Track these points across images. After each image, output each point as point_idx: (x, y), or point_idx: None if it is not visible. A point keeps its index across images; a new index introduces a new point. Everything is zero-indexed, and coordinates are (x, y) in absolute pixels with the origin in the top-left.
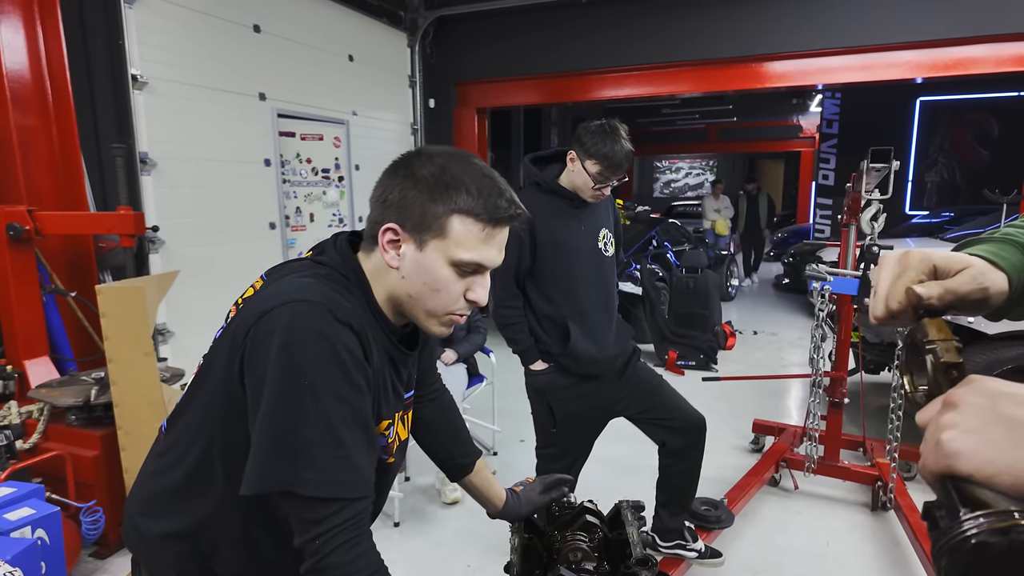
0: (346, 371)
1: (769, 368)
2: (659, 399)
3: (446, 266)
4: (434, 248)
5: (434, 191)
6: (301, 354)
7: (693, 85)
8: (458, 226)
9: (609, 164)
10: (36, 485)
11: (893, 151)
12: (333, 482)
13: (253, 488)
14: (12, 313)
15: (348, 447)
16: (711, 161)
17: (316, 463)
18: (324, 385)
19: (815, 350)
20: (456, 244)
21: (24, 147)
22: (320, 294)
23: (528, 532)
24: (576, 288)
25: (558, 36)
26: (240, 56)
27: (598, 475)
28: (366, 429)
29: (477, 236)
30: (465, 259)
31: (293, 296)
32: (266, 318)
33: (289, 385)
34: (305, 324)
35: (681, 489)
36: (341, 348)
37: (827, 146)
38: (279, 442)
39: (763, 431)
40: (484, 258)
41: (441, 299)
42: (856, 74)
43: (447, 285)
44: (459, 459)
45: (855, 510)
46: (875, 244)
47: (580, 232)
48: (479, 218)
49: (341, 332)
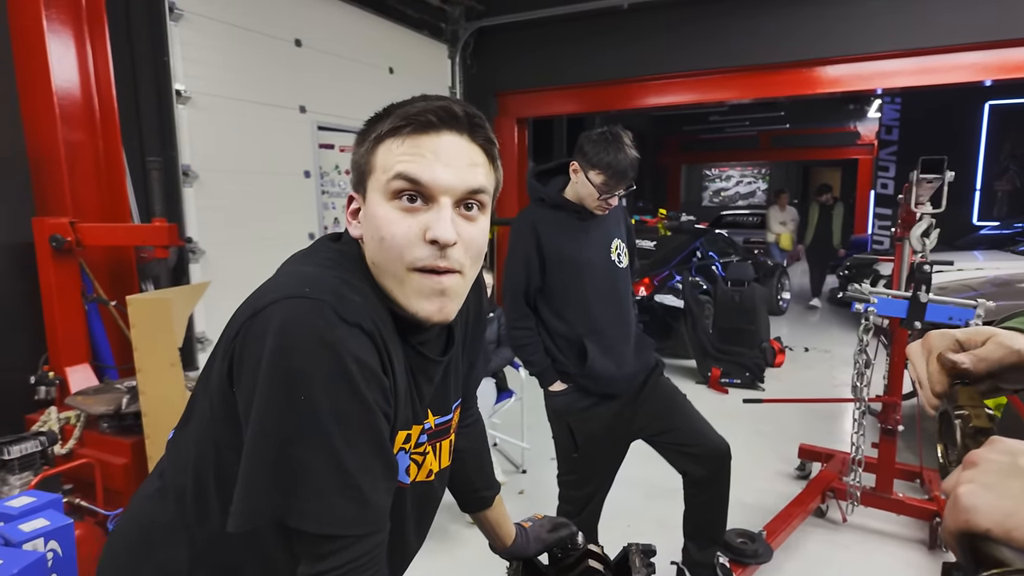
0: (353, 385)
1: (820, 388)
2: (678, 421)
3: (383, 203)
4: (371, 191)
5: (363, 135)
6: (297, 362)
7: (742, 92)
8: (382, 152)
9: (613, 173)
10: (55, 496)
11: (947, 160)
12: (335, 516)
13: (240, 523)
14: (55, 321)
15: (354, 475)
16: (763, 169)
17: (314, 493)
18: (325, 401)
19: (858, 377)
20: (384, 170)
21: (71, 161)
22: (324, 287)
23: (526, 574)
24: (589, 304)
25: (600, 44)
26: (281, 70)
27: (629, 498)
28: (380, 454)
29: (402, 151)
30: (390, 176)
31: (290, 291)
32: (259, 317)
33: (283, 399)
34: (303, 326)
35: (708, 522)
36: (347, 357)
37: (886, 153)
38: (270, 467)
39: (809, 457)
40: (416, 170)
41: (393, 249)
42: (918, 77)
43: (389, 225)
44: (481, 491)
45: (910, 547)
46: (927, 263)
47: (589, 245)
48: (398, 130)
49: (348, 336)
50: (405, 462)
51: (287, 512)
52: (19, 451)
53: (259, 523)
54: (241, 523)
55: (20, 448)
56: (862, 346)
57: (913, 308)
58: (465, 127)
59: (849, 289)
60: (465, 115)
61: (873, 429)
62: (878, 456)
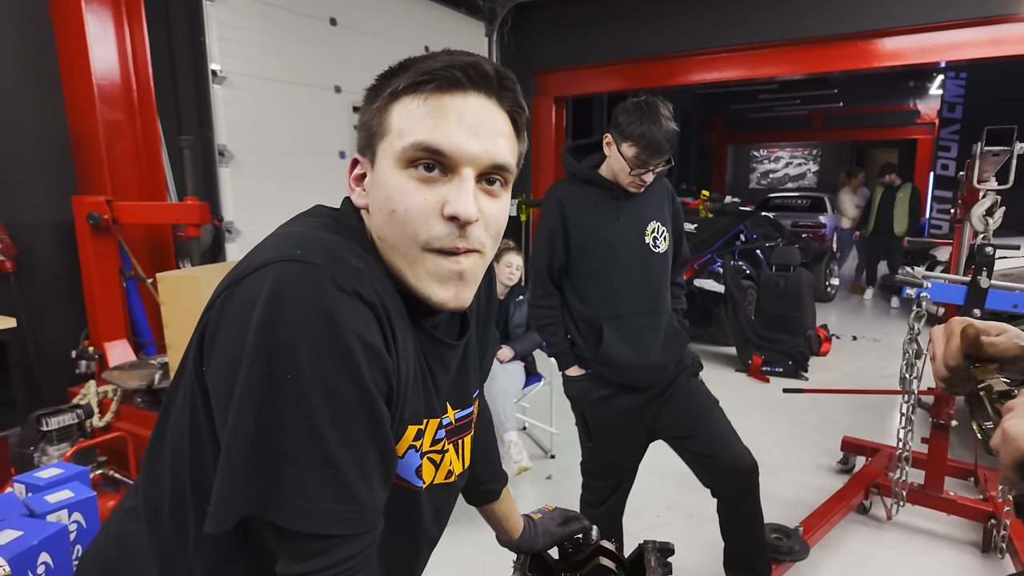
0: (349, 362)
1: (868, 378)
2: (703, 428)
3: (396, 171)
4: (382, 156)
5: (375, 91)
6: (285, 335)
7: (793, 67)
8: (397, 112)
9: (647, 145)
10: (82, 468)
11: (1016, 131)
12: (319, 512)
13: (218, 524)
14: (94, 297)
15: (344, 467)
16: (814, 150)
17: (297, 486)
18: (313, 380)
19: (908, 368)
20: (399, 135)
21: (109, 141)
22: (318, 249)
23: (533, 570)
24: (613, 287)
25: (642, 18)
26: (316, 50)
27: (661, 489)
28: (377, 443)
29: (421, 113)
30: (407, 144)
31: (282, 253)
32: (242, 284)
33: (265, 377)
34: (293, 294)
35: (742, 550)
36: (346, 328)
37: (948, 132)
38: (249, 455)
39: (853, 450)
40: (436, 137)
41: (406, 225)
42: (987, 49)
43: (403, 197)
44: (487, 484)
45: (961, 550)
46: (989, 244)
47: (619, 225)
48: (417, 88)
49: (346, 306)
50: (416, 461)
51: (265, 506)
52: (57, 423)
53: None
54: (218, 523)
55: (58, 420)
56: (913, 335)
57: (972, 294)
58: (495, 88)
59: (900, 272)
60: (496, 75)
61: (925, 424)
62: (928, 452)
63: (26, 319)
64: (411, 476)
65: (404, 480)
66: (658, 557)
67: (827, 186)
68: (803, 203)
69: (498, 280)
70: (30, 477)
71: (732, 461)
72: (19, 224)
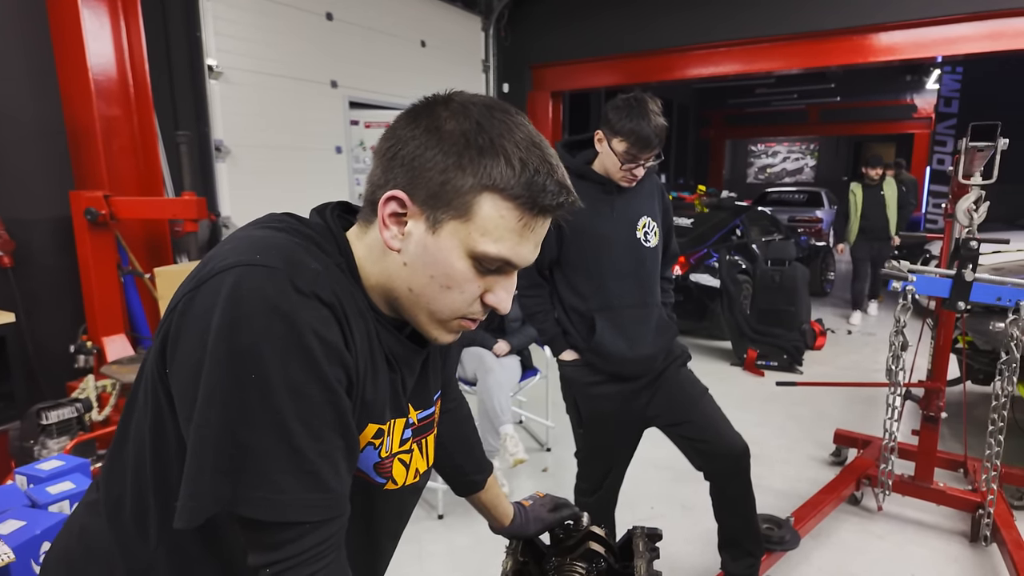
0: (310, 358)
1: (862, 372)
2: (695, 414)
3: (463, 257)
4: (451, 232)
5: (463, 155)
6: (247, 337)
7: (790, 61)
8: (488, 208)
9: (636, 140)
10: (83, 460)
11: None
12: (290, 501)
13: (188, 519)
14: (92, 292)
15: (311, 458)
16: (812, 145)
17: (267, 478)
18: (278, 378)
19: (894, 360)
20: (482, 232)
21: (106, 136)
22: (276, 253)
23: (525, 555)
24: (606, 280)
25: (639, 13)
26: (313, 44)
27: (656, 480)
28: (341, 433)
29: (511, 226)
30: (492, 253)
31: (241, 258)
32: (203, 289)
33: (230, 379)
34: (253, 297)
35: (735, 530)
36: (305, 328)
37: (944, 127)
38: (217, 453)
39: (846, 443)
40: (516, 255)
41: (451, 299)
42: (982, 44)
43: (461, 283)
44: (471, 475)
45: (950, 540)
46: (974, 238)
47: (612, 220)
48: (519, 202)
49: (304, 306)
50: (374, 458)
51: (236, 501)
52: (56, 416)
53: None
54: (189, 517)
55: (58, 414)
56: (899, 327)
57: (957, 287)
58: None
59: (886, 266)
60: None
61: (916, 416)
62: (918, 444)
63: (24, 314)
64: (369, 470)
65: (363, 473)
66: (646, 542)
67: (824, 180)
68: (800, 198)
69: None
70: (32, 469)
71: (725, 445)
72: (17, 219)
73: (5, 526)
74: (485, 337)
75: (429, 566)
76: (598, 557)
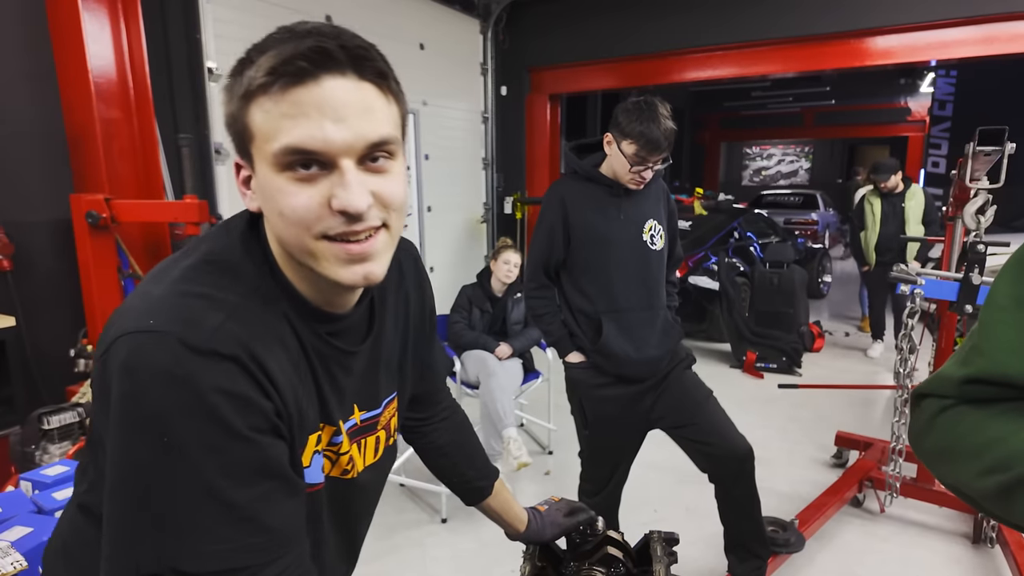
0: (217, 417)
1: (861, 373)
2: (700, 417)
3: (276, 175)
4: (259, 160)
5: (230, 88)
6: (150, 406)
7: (785, 65)
8: (257, 114)
9: (646, 143)
10: None
11: (1008, 131)
12: (233, 550)
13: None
14: (92, 296)
15: (244, 505)
16: (806, 147)
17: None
18: (190, 441)
19: (901, 363)
20: (266, 138)
21: (106, 139)
22: (173, 315)
23: (543, 560)
24: (613, 282)
25: (637, 16)
26: None
27: (659, 484)
28: (272, 474)
29: (276, 113)
30: (278, 148)
31: (133, 324)
32: (105, 358)
33: (145, 446)
34: (149, 366)
35: (741, 531)
36: (205, 389)
37: (938, 130)
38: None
39: (847, 445)
40: (298, 139)
41: (296, 225)
42: (975, 48)
43: (288, 199)
44: (475, 482)
45: (952, 541)
46: (981, 242)
47: (619, 222)
48: (272, 88)
49: (203, 367)
50: (320, 461)
51: (180, 557)
52: (58, 421)
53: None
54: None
55: (59, 419)
56: (907, 331)
57: (964, 290)
58: (348, 65)
59: (895, 269)
60: (343, 49)
61: None
62: None
63: (24, 318)
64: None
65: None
66: (664, 546)
67: (819, 183)
68: (796, 200)
69: (496, 278)
70: (36, 475)
71: (729, 447)
72: (16, 222)
73: (12, 533)
74: (487, 340)
75: (433, 570)
76: (616, 562)
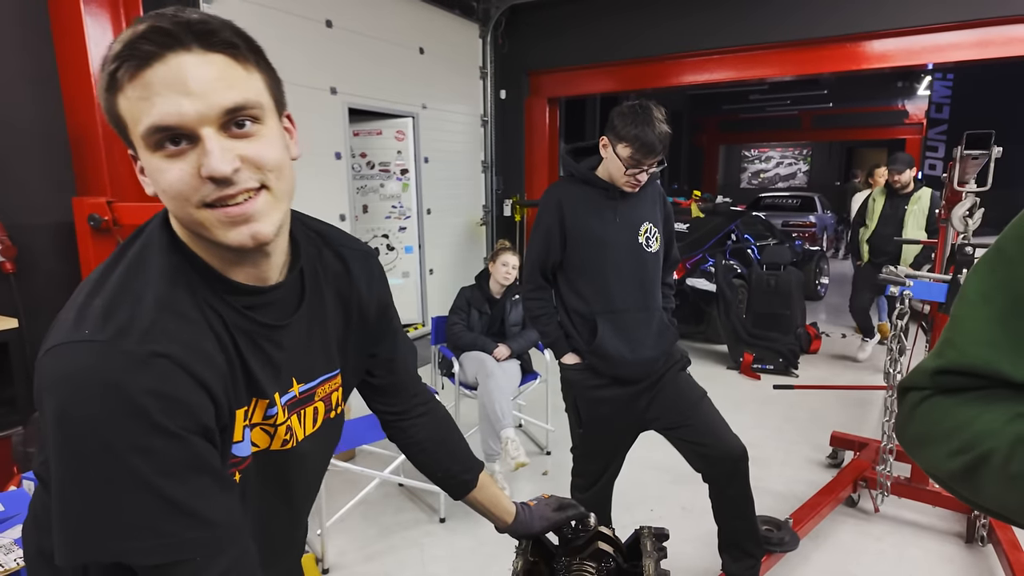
0: (150, 419)
1: (857, 374)
2: (694, 418)
3: (150, 156)
4: (137, 146)
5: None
6: (83, 411)
7: (783, 68)
8: (122, 103)
9: (640, 146)
10: None
11: (994, 135)
12: (179, 543)
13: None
14: None
15: (184, 501)
16: (804, 150)
17: (147, 530)
18: (124, 442)
19: (892, 363)
20: (134, 122)
21: (108, 141)
22: (105, 322)
23: (535, 555)
24: (609, 284)
25: (635, 20)
26: (312, 51)
27: (655, 482)
28: (206, 472)
29: (133, 97)
30: (141, 132)
31: (62, 336)
32: (40, 367)
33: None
34: (80, 374)
35: (734, 530)
36: (136, 392)
37: (935, 133)
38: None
39: (842, 445)
40: (154, 118)
41: (176, 199)
42: (972, 51)
43: (164, 175)
44: (460, 476)
45: (946, 541)
46: (969, 244)
47: (615, 225)
48: (118, 73)
49: (134, 370)
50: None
51: (127, 554)
52: None
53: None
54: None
55: None
56: (897, 331)
57: (952, 292)
58: (191, 40)
59: (884, 271)
60: (181, 25)
61: None
62: None
63: (26, 320)
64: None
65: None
66: (654, 542)
67: (817, 185)
68: (794, 203)
69: (495, 279)
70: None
71: (723, 447)
72: (18, 225)
73: (15, 531)
74: (486, 341)
75: (431, 569)
76: (607, 557)
